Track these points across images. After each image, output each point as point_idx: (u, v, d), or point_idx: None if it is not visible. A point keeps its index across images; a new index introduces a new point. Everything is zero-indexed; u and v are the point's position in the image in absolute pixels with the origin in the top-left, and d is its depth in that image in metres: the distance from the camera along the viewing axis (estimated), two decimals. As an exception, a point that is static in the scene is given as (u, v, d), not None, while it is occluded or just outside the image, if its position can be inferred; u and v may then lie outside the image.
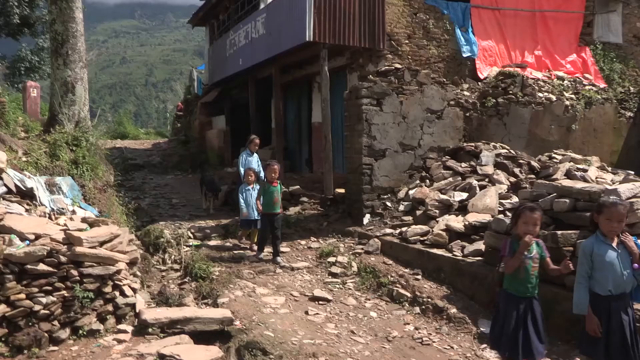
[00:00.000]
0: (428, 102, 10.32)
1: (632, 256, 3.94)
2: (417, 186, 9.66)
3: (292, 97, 16.77)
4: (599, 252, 3.97)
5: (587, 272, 4.01)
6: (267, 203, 8.37)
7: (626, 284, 3.96)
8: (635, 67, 15.29)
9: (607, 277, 3.93)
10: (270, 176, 8.38)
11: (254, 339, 5.64)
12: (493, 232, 6.64)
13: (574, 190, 6.04)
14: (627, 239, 4.00)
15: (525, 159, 9.99)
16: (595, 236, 4.06)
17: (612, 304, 3.95)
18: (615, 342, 3.94)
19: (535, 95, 11.69)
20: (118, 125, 31.56)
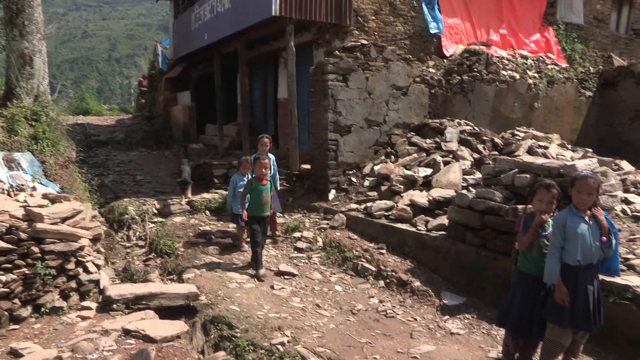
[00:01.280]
0: (394, 78, 10.35)
1: (602, 229, 4.06)
2: (382, 162, 9.73)
3: (258, 72, 16.61)
4: (571, 224, 4.08)
5: (560, 243, 4.12)
6: (254, 204, 7.01)
7: (594, 256, 4.09)
8: (595, 47, 15.59)
9: (577, 248, 4.05)
10: (260, 172, 7.00)
11: (220, 314, 5.67)
12: (456, 207, 6.75)
13: (534, 166, 6.16)
14: (598, 212, 4.12)
15: (489, 135, 10.14)
16: (569, 209, 4.17)
17: (579, 274, 4.08)
18: (580, 310, 4.08)
19: (499, 74, 11.84)
20: (80, 101, 30.86)
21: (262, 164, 7.02)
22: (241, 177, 7.83)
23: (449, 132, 9.85)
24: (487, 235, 6.28)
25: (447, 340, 5.23)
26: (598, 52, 15.70)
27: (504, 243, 5.96)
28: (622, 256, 5.59)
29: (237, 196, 7.65)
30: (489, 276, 6.02)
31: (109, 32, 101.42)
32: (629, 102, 13.24)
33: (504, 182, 6.31)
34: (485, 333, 5.43)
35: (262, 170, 7.01)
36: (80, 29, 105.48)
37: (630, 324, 4.75)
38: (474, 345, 5.14)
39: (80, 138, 17.62)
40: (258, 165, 7.04)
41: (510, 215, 5.88)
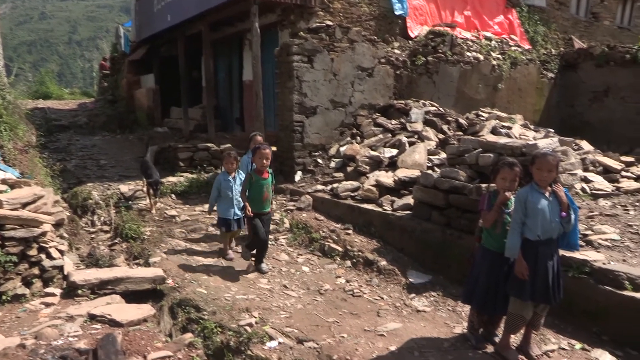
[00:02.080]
0: (359, 59, 10.35)
1: (561, 205, 4.16)
2: (348, 143, 9.77)
3: (223, 54, 16.41)
4: (532, 199, 4.17)
5: (521, 218, 4.20)
6: (254, 200, 6.25)
7: (553, 231, 4.18)
8: (556, 30, 15.85)
9: (537, 223, 4.15)
10: (261, 164, 6.20)
11: (187, 297, 5.65)
12: (421, 186, 6.83)
13: (497, 146, 6.25)
14: (558, 189, 4.21)
15: (454, 116, 10.25)
16: (530, 186, 4.25)
17: (539, 248, 4.18)
18: (540, 283, 4.18)
19: (464, 55, 11.94)
20: (40, 85, 30.02)
21: (263, 155, 6.16)
22: (226, 176, 6.96)
23: (414, 113, 9.92)
24: (452, 214, 6.37)
25: (414, 317, 5.31)
26: (559, 34, 15.97)
27: (469, 221, 6.06)
28: (581, 232, 5.76)
29: (222, 197, 6.92)
30: (454, 254, 6.12)
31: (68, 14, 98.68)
32: (589, 84, 13.53)
33: (468, 162, 6.40)
34: (450, 310, 5.53)
35: (263, 161, 6.17)
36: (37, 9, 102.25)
37: (588, 297, 4.90)
38: (439, 322, 5.23)
39: (40, 122, 17.23)
40: (259, 156, 6.18)
41: (474, 194, 5.98)
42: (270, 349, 4.64)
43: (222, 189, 6.92)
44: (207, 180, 10.30)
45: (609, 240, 5.63)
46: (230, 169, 6.96)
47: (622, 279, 4.73)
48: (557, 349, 4.65)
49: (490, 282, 4.42)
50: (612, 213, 6.44)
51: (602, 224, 6.10)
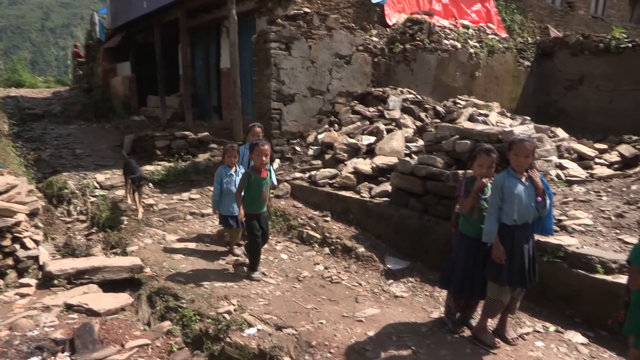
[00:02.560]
0: (337, 47, 10.33)
1: (537, 190, 4.21)
2: (326, 130, 9.76)
3: (200, 42, 16.25)
4: (509, 185, 4.22)
5: (498, 204, 4.25)
6: (252, 200, 5.80)
7: (529, 215, 4.25)
8: (533, 19, 15.97)
9: (514, 208, 4.20)
10: (260, 161, 5.70)
11: (165, 285, 5.64)
12: (399, 173, 6.86)
13: (474, 132, 6.30)
14: (534, 174, 4.27)
15: (431, 103, 10.30)
16: (507, 171, 4.30)
17: (516, 233, 4.24)
18: (516, 267, 4.25)
19: (441, 43, 11.98)
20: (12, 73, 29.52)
21: (261, 151, 5.65)
22: (227, 169, 6.57)
23: (392, 101, 9.95)
24: (429, 201, 6.41)
25: (392, 303, 5.35)
26: (536, 23, 16.10)
27: (446, 208, 6.11)
28: (556, 218, 5.86)
29: (225, 193, 6.51)
30: (432, 240, 6.17)
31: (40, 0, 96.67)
32: (564, 72, 13.68)
33: (445, 149, 6.44)
34: (428, 295, 5.59)
35: (262, 159, 5.67)
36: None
37: (562, 281, 4.98)
38: (417, 307, 5.28)
39: (13, 111, 16.96)
40: (257, 152, 5.66)
41: (451, 180, 6.02)
42: (249, 335, 4.65)
43: (225, 184, 6.52)
44: (184, 168, 10.23)
45: (583, 225, 5.73)
46: (231, 162, 6.58)
47: (595, 263, 4.83)
48: (532, 331, 4.74)
49: (467, 267, 4.47)
50: (586, 199, 6.53)
51: (576, 209, 6.20)
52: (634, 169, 7.72)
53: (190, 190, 9.27)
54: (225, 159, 6.64)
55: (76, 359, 4.23)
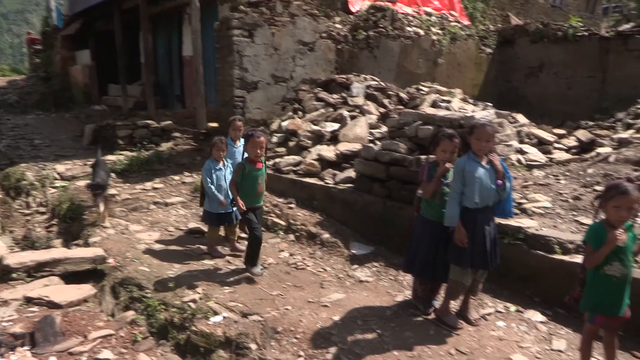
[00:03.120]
0: (300, 34, 10.29)
1: (497, 173, 4.29)
2: (289, 118, 9.73)
3: (162, 29, 15.99)
4: (470, 168, 4.28)
5: (460, 187, 4.32)
6: (247, 192, 5.49)
7: (490, 198, 4.33)
8: (494, 7, 16.19)
9: (475, 191, 4.28)
10: (255, 153, 5.42)
11: (129, 275, 5.58)
12: (363, 159, 6.88)
13: (437, 118, 6.36)
14: (494, 158, 4.34)
15: (394, 90, 10.36)
16: (467, 155, 4.37)
17: (477, 216, 4.32)
18: (478, 250, 4.33)
19: (404, 30, 12.04)
20: (-36, 61, 28.55)
21: (256, 143, 5.38)
22: (215, 164, 6.23)
23: (355, 87, 9.97)
24: (392, 186, 6.46)
25: (357, 288, 5.40)
26: (497, 11, 16.30)
27: (409, 193, 6.16)
28: (517, 201, 5.97)
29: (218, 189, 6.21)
30: (396, 225, 6.22)
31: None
32: (525, 59, 13.93)
33: (408, 134, 6.49)
34: (392, 279, 5.65)
35: (257, 151, 5.40)
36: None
37: (522, 262, 5.10)
38: (382, 291, 5.34)
39: (-36, 101, 16.48)
40: (251, 144, 5.39)
41: (414, 165, 6.07)
42: (214, 323, 4.64)
43: (213, 180, 6.19)
44: (147, 158, 10.10)
45: (542, 208, 5.86)
46: (219, 156, 6.22)
47: (553, 244, 4.95)
48: (494, 312, 4.85)
49: (429, 251, 4.54)
50: (545, 182, 6.67)
51: (535, 192, 6.33)
52: (590, 153, 7.91)
53: (153, 180, 9.16)
54: (214, 152, 6.24)
55: (37, 352, 4.16)
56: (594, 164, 6.99)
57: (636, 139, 7.46)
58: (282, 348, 4.28)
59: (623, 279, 3.49)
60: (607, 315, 3.57)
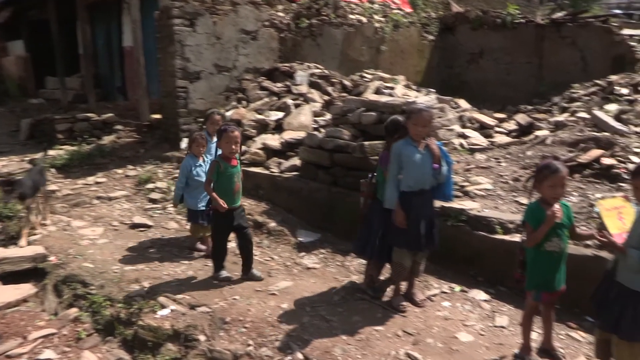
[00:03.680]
0: (242, 22, 10.17)
1: (433, 157, 4.37)
2: (233, 107, 9.63)
3: (100, 19, 15.52)
4: (406, 153, 4.36)
5: (397, 171, 4.41)
6: (223, 192, 5.05)
7: (425, 182, 4.42)
8: (436, -6, 16.36)
9: (411, 175, 4.37)
10: (229, 149, 5.03)
11: (72, 273, 5.46)
12: (307, 147, 6.90)
13: (379, 104, 6.43)
14: (431, 142, 4.42)
15: (338, 78, 10.41)
16: (405, 140, 4.44)
17: (413, 199, 4.41)
18: (413, 232, 4.43)
19: (347, 17, 12.06)
20: None
21: (231, 138, 4.99)
22: (195, 160, 5.92)
23: (299, 76, 9.97)
24: (337, 173, 6.49)
25: (304, 275, 5.43)
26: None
27: (354, 179, 6.21)
28: (459, 184, 6.12)
29: (193, 186, 5.85)
30: (341, 211, 6.28)
31: None
32: (466, 46, 14.17)
33: (351, 121, 6.53)
34: (339, 265, 5.70)
35: (231, 147, 5.02)
36: None
37: (465, 243, 5.25)
38: (329, 277, 5.39)
39: None
40: (225, 139, 5.00)
41: (358, 152, 6.12)
42: (162, 317, 4.60)
43: (193, 176, 5.86)
44: (89, 152, 9.84)
45: (483, 190, 6.03)
46: (199, 152, 5.89)
47: (494, 224, 5.11)
48: (439, 292, 4.98)
49: (385, 232, 4.63)
50: (487, 165, 6.85)
51: (477, 175, 6.50)
52: (529, 136, 8.15)
53: (96, 174, 8.93)
54: (193, 148, 5.93)
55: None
56: (533, 147, 7.21)
57: (571, 122, 7.72)
58: (231, 338, 4.28)
59: (561, 253, 3.64)
60: (550, 290, 3.72)
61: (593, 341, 3.75)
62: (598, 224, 4.37)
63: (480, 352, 4.02)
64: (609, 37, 11.96)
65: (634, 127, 6.75)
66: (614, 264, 3.40)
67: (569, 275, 3.81)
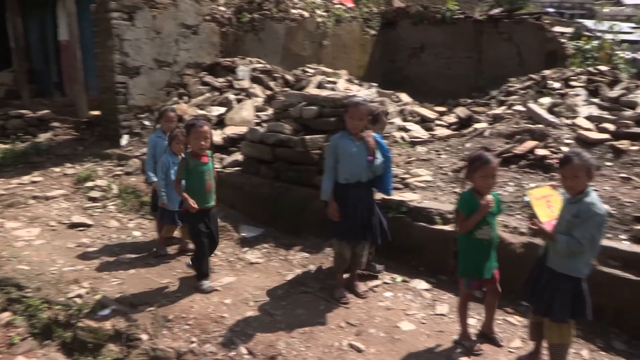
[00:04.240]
0: (183, 16, 10.00)
1: (368, 150, 4.43)
2: (175, 103, 9.47)
3: (33, 11, 14.87)
4: (342, 145, 4.43)
5: (333, 163, 4.47)
6: (195, 191, 4.83)
7: (361, 174, 4.49)
8: (377, -11, 16.53)
9: (347, 168, 4.44)
10: (198, 145, 4.79)
11: (6, 276, 5.28)
12: (249, 142, 6.86)
13: (320, 98, 6.46)
14: (367, 135, 4.47)
15: (280, 72, 10.40)
16: (342, 133, 4.50)
17: (349, 191, 4.47)
18: (351, 223, 4.51)
19: (289, 12, 12.05)
20: None
21: (200, 134, 4.74)
22: (173, 158, 5.57)
23: (241, 71, 9.92)
24: (279, 167, 6.49)
25: (247, 270, 5.42)
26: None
27: (296, 173, 6.26)
28: (400, 176, 6.25)
29: (169, 185, 5.47)
30: (284, 206, 6.29)
31: None
32: (407, 41, 14.42)
33: (293, 115, 6.53)
34: (282, 259, 5.72)
35: (200, 142, 4.77)
36: None
37: (407, 234, 5.36)
38: (272, 272, 5.40)
39: None
40: (194, 135, 4.76)
41: (299, 146, 6.14)
42: (102, 317, 4.53)
43: (172, 175, 5.47)
44: (24, 150, 9.49)
45: (424, 182, 6.18)
46: (178, 150, 5.47)
47: (434, 215, 5.25)
48: (382, 283, 5.08)
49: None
50: (427, 157, 7.01)
51: (418, 167, 6.64)
52: (468, 128, 8.36)
53: (31, 173, 8.61)
54: (173, 145, 5.58)
55: None
56: (472, 139, 7.41)
57: (508, 115, 7.97)
58: (174, 335, 4.26)
59: (491, 241, 3.78)
60: (481, 278, 3.85)
61: (527, 324, 3.92)
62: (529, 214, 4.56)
63: (421, 339, 4.13)
64: (542, 34, 12.44)
65: (565, 120, 7.02)
66: (545, 250, 3.56)
67: (505, 263, 3.97)
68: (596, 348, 4.14)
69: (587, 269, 3.43)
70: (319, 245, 5.87)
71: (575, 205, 3.34)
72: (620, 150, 5.99)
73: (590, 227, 3.28)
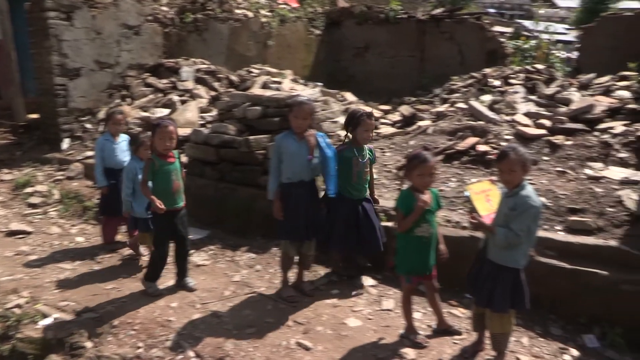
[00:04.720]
0: (124, 17, 9.81)
1: (309, 149, 4.47)
2: (117, 105, 9.30)
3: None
4: (285, 145, 4.46)
5: (277, 163, 4.50)
6: (162, 192, 4.67)
7: (303, 173, 4.52)
8: (321, -11, 16.62)
9: (289, 167, 4.47)
10: (164, 146, 4.65)
11: None
12: (193, 143, 6.80)
13: (264, 98, 6.46)
14: (309, 134, 4.51)
15: (225, 73, 10.35)
16: (286, 132, 4.54)
17: (292, 190, 4.51)
18: (294, 223, 4.54)
19: (233, 12, 11.99)
20: None
21: (165, 134, 4.59)
22: (140, 164, 5.27)
23: (184, 72, 9.82)
24: (224, 168, 6.46)
25: (194, 272, 5.35)
26: (323, -9, 16.77)
27: (241, 174, 6.25)
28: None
29: (137, 191, 5.27)
30: (230, 207, 6.27)
31: None
32: (352, 40, 14.55)
33: (237, 116, 6.51)
34: (229, 260, 5.70)
35: (165, 143, 4.62)
36: None
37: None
38: (219, 273, 5.38)
39: None
40: (159, 135, 4.60)
41: (244, 146, 6.14)
42: (44, 327, 4.43)
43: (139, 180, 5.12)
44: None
45: (368, 180, 6.24)
46: (146, 155, 5.09)
47: (378, 212, 5.31)
48: (328, 282, 5.11)
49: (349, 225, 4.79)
50: (372, 156, 7.09)
51: (363, 166, 6.71)
52: (412, 126, 8.51)
53: (-35, 180, 8.32)
54: (141, 152, 5.40)
55: None
56: (415, 136, 7.57)
57: (450, 112, 8.16)
58: (119, 342, 4.20)
59: (430, 238, 3.89)
60: (420, 274, 3.96)
61: (470, 316, 4.04)
62: (470, 208, 4.69)
63: (368, 335, 4.20)
64: (482, 33, 12.78)
65: (505, 116, 7.26)
66: (485, 243, 3.68)
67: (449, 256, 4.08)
68: (535, 335, 4.31)
69: (525, 260, 3.57)
70: (265, 246, 5.89)
71: (512, 198, 3.47)
72: (556, 145, 6.25)
73: (526, 219, 3.42)
